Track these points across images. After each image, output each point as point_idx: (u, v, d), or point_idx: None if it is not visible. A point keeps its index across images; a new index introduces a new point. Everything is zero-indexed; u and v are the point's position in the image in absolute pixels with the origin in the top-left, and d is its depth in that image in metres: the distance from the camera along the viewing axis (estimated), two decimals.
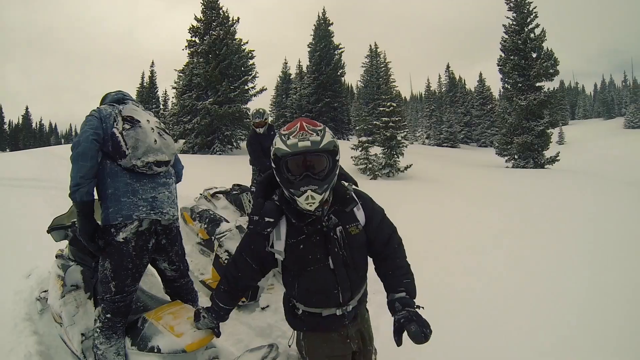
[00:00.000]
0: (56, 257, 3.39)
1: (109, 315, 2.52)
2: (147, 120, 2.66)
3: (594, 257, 5.58)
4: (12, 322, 3.33)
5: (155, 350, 2.44)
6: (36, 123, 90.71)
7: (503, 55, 23.36)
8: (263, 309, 3.57)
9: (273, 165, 1.77)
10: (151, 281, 3.22)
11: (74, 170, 2.33)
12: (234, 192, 5.08)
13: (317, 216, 1.80)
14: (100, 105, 2.85)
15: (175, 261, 2.88)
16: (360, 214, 1.89)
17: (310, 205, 1.70)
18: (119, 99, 2.76)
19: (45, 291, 3.46)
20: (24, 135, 79.73)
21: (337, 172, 1.79)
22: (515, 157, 22.02)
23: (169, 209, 2.72)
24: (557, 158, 20.97)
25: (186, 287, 3.02)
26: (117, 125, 2.52)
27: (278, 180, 1.78)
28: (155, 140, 2.63)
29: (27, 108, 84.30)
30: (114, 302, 2.52)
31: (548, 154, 21.44)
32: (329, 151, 1.71)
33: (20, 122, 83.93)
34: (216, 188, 5.40)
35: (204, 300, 3.83)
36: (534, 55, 22.22)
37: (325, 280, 1.84)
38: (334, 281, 1.84)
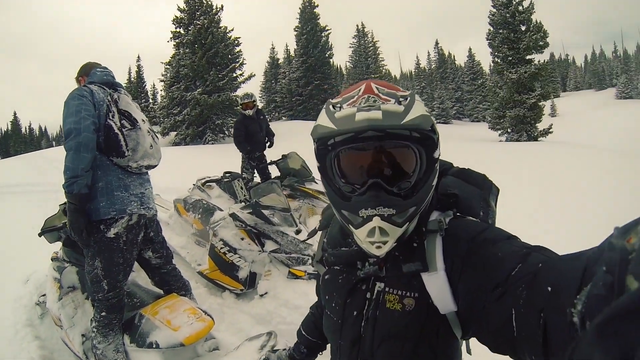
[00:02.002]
0: (52, 259, 3.38)
1: (104, 314, 2.51)
2: (143, 120, 2.64)
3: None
4: (13, 329, 3.30)
5: (154, 346, 2.46)
6: (25, 128, 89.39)
7: (492, 29, 23.22)
8: (261, 296, 3.57)
9: (317, 163, 1.00)
10: (147, 276, 3.23)
11: (74, 161, 2.25)
12: (226, 180, 5.08)
13: (357, 249, 1.01)
14: (80, 75, 2.79)
15: (159, 249, 2.92)
16: (435, 283, 0.89)
17: (379, 248, 0.89)
18: (109, 83, 2.66)
19: (44, 295, 3.45)
20: (14, 141, 78.65)
21: (435, 183, 0.96)
22: (509, 130, 22.09)
23: (153, 204, 2.78)
24: (550, 130, 21.03)
25: (174, 274, 3.03)
26: (112, 117, 2.47)
27: (325, 190, 1.02)
28: (151, 145, 2.64)
29: (15, 113, 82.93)
30: (107, 299, 2.51)
31: (541, 126, 21.49)
32: (421, 135, 0.90)
33: (9, 128, 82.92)
34: (208, 177, 5.39)
35: (202, 291, 3.85)
36: (523, 28, 22.11)
37: (332, 335, 1.12)
38: (337, 347, 1.10)
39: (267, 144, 6.43)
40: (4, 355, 3.01)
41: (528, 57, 21.95)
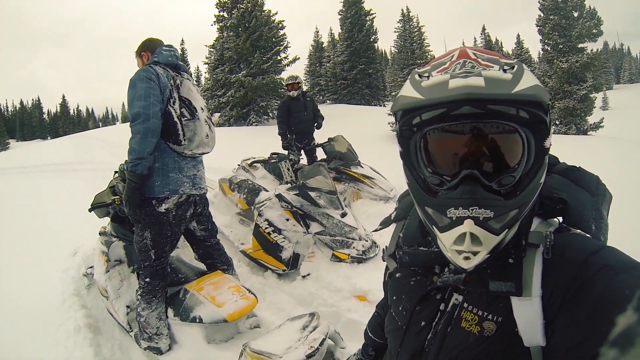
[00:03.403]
0: (99, 234, 3.48)
1: (147, 279, 2.59)
2: (202, 109, 2.70)
3: None
4: (60, 297, 3.43)
5: (197, 321, 2.50)
6: (74, 110, 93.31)
7: (542, 15, 22.27)
8: (304, 277, 3.55)
9: (399, 148, 0.84)
10: (192, 250, 3.27)
11: (141, 144, 2.37)
12: (272, 161, 5.07)
13: (437, 251, 0.84)
14: (142, 50, 2.82)
15: (204, 221, 2.99)
16: (526, 310, 0.72)
17: (467, 260, 0.73)
18: (174, 64, 2.71)
19: (91, 267, 3.57)
20: (63, 122, 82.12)
21: (542, 181, 0.77)
22: (557, 122, 21.20)
23: (204, 184, 2.86)
24: (602, 124, 19.95)
25: (217, 248, 3.10)
26: (173, 104, 2.54)
27: (407, 180, 0.84)
28: (207, 135, 2.71)
29: (63, 96, 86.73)
30: (152, 267, 2.59)
31: (591, 119, 20.41)
32: (531, 117, 0.73)
33: (59, 110, 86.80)
34: (254, 158, 5.41)
35: (244, 270, 3.87)
36: (576, 14, 21.10)
37: (393, 340, 0.99)
38: (396, 354, 0.96)
39: (315, 125, 6.43)
40: (52, 322, 3.11)
41: (580, 45, 20.86)
